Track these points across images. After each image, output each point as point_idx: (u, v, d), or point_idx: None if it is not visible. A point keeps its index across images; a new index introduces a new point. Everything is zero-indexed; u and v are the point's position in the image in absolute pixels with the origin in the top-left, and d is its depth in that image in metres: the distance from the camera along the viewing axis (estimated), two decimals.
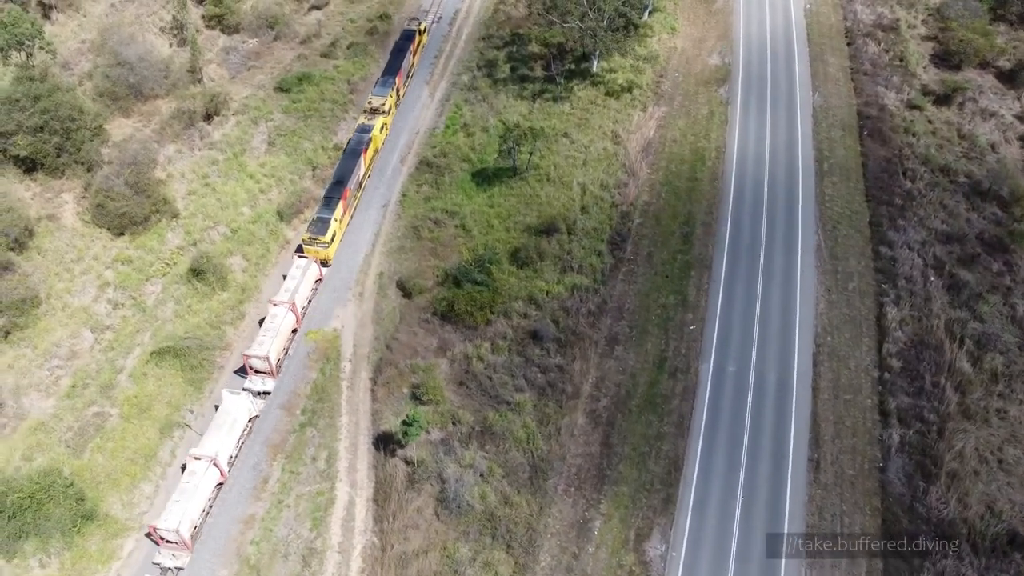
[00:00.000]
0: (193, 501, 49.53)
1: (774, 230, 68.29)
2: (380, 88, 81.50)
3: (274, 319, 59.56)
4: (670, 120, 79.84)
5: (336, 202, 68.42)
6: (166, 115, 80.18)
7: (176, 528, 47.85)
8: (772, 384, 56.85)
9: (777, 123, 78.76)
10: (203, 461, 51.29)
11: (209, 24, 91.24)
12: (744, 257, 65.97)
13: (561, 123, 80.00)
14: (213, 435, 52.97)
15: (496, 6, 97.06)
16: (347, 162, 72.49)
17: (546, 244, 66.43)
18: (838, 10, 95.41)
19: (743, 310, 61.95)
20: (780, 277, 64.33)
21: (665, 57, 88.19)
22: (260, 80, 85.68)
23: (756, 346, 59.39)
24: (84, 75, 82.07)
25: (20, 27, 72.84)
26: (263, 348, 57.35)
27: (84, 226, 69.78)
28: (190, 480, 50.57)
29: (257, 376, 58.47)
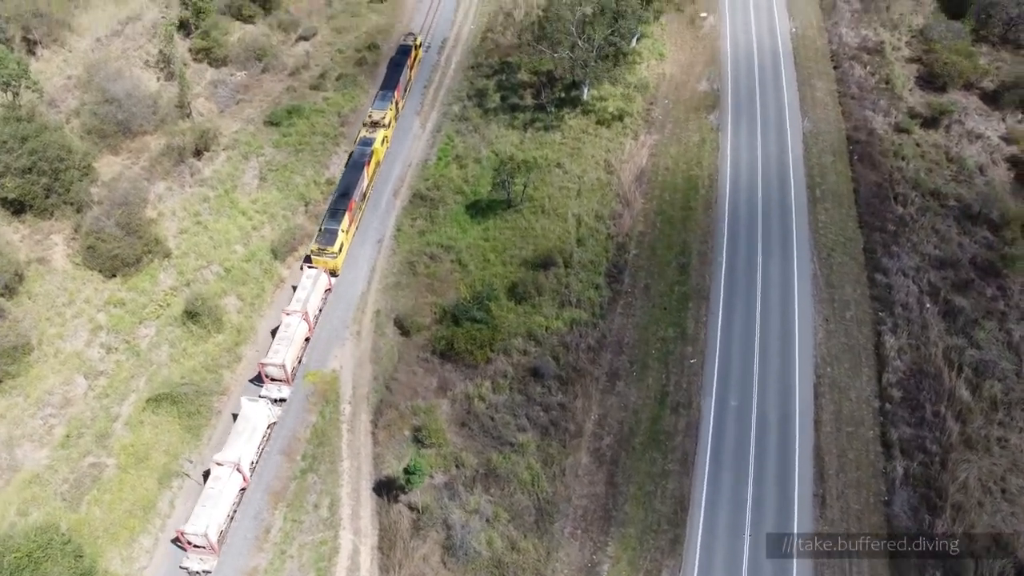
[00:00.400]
0: (219, 506, 51.35)
1: (770, 259, 68.46)
2: (380, 102, 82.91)
3: (288, 328, 61.63)
4: (662, 148, 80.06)
5: (342, 213, 69.89)
6: (155, 152, 79.49)
7: (204, 532, 49.57)
8: (775, 418, 56.84)
9: (768, 150, 79.17)
10: (226, 467, 53.07)
11: (196, 57, 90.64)
12: (741, 287, 66.08)
13: (553, 153, 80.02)
14: (234, 442, 54.70)
15: (484, 34, 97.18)
16: (351, 174, 74.30)
17: (543, 278, 66.24)
18: (823, 33, 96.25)
19: (742, 342, 61.98)
20: (778, 307, 64.45)
21: (654, 83, 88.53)
22: (249, 114, 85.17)
23: (757, 379, 59.40)
24: (71, 112, 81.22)
25: (6, 67, 71.95)
26: (279, 356, 59.31)
27: (75, 268, 68.86)
28: (215, 485, 52.32)
29: (273, 384, 60.17)
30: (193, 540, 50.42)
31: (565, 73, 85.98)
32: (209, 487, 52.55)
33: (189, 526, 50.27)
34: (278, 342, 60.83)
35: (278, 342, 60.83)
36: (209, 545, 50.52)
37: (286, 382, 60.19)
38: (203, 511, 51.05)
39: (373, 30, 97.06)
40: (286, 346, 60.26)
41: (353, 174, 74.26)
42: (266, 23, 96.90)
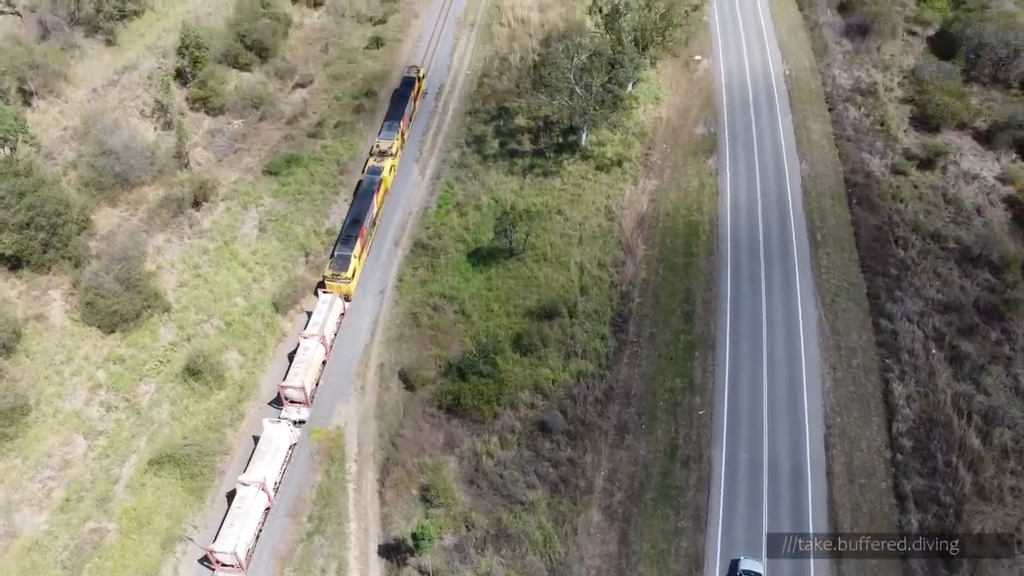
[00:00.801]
0: (247, 525, 52.62)
1: (774, 305, 68.38)
2: (387, 132, 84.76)
3: (306, 351, 63.03)
4: (662, 193, 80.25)
5: (354, 240, 71.91)
6: (154, 203, 79.06)
7: (233, 550, 50.80)
8: (786, 470, 56.33)
9: (767, 194, 79.49)
10: (252, 487, 54.35)
11: (194, 106, 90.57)
12: (747, 335, 65.86)
13: (554, 199, 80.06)
14: (258, 463, 55.95)
15: (480, 79, 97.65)
16: (362, 202, 76.22)
17: (548, 329, 65.83)
18: (816, 75, 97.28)
19: (751, 392, 61.62)
20: (784, 355, 64.23)
21: (651, 127, 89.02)
22: (248, 163, 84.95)
23: (767, 429, 58.98)
24: (68, 164, 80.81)
25: (3, 123, 71.54)
26: (298, 379, 60.66)
27: (73, 324, 68.01)
28: (242, 505, 53.52)
29: (292, 406, 61.63)
30: (222, 559, 51.47)
31: (563, 119, 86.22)
32: (236, 506, 53.59)
33: (218, 545, 51.28)
34: (297, 365, 62.09)
35: (297, 365, 62.09)
36: (238, 563, 51.70)
37: (305, 404, 61.78)
38: (231, 530, 52.03)
39: (370, 76, 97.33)
40: (305, 369, 61.62)
41: (363, 202, 76.12)
42: (263, 71, 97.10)
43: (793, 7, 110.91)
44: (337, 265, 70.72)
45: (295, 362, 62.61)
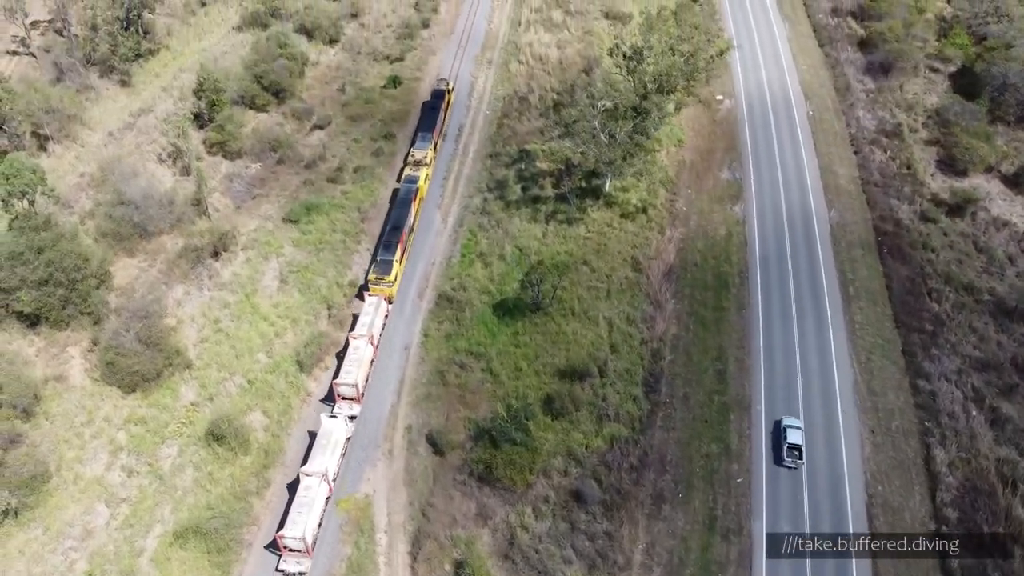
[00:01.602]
0: (312, 512, 55.73)
1: (808, 364, 67.01)
2: (421, 143, 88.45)
3: (356, 351, 65.99)
4: (689, 242, 78.98)
5: (396, 245, 75.26)
6: (172, 253, 77.83)
7: (302, 536, 53.70)
8: (829, 544, 54.70)
9: (796, 244, 78.22)
10: (315, 477, 57.49)
11: (211, 150, 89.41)
12: (781, 396, 64.47)
13: (578, 248, 78.82)
14: (319, 455, 59.06)
15: (500, 120, 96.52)
16: (400, 210, 79.56)
17: (579, 390, 64.46)
18: (840, 116, 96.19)
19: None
20: (821, 418, 62.82)
21: (675, 171, 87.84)
22: (267, 210, 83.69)
23: (807, 499, 57.52)
24: (85, 214, 79.70)
25: (22, 177, 70.34)
26: (351, 376, 63.84)
27: (93, 384, 66.73)
28: (306, 494, 56.63)
29: (344, 403, 64.40)
30: (291, 544, 54.27)
31: (587, 165, 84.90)
32: (301, 495, 56.60)
33: (288, 531, 54.06)
34: (348, 363, 65.04)
35: (348, 363, 65.04)
36: (305, 548, 54.46)
37: (356, 400, 64.66)
38: (299, 516, 55.04)
39: (388, 118, 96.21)
40: (357, 367, 64.65)
41: (402, 209, 79.37)
42: (280, 112, 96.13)
43: (813, 43, 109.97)
44: (380, 269, 73.67)
45: (347, 361, 65.43)
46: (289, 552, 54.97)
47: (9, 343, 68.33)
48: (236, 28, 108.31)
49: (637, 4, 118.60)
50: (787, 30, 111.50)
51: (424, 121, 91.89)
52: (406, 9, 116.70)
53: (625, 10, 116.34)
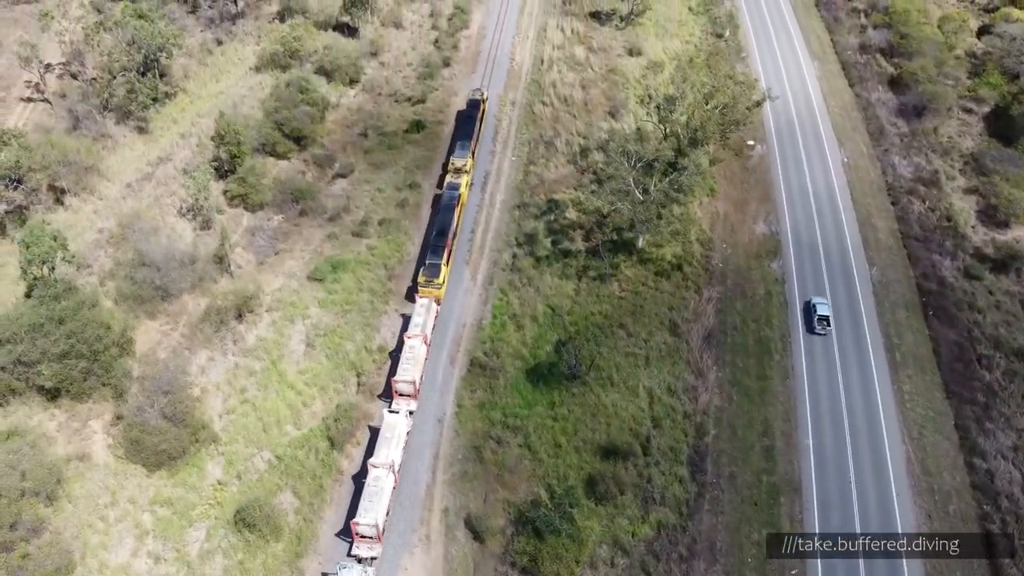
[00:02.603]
0: (382, 501, 58.81)
1: (858, 439, 64.76)
2: (460, 151, 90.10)
3: (412, 349, 69.03)
4: (727, 303, 76.64)
5: (442, 249, 78.16)
6: (195, 316, 75.57)
7: (375, 523, 56.78)
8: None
9: (839, 306, 75.89)
10: (382, 468, 60.34)
11: (232, 202, 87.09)
12: (833, 476, 62.18)
13: (613, 309, 76.55)
14: (384, 447, 61.81)
15: (526, 168, 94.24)
16: (445, 215, 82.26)
17: (623, 471, 62.16)
18: (875, 162, 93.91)
19: (844, 546, 57.64)
20: (875, 500, 60.52)
21: (709, 223, 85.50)
22: (291, 267, 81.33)
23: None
24: (105, 274, 77.46)
25: (42, 245, 68.06)
26: (408, 374, 66.70)
27: (117, 462, 64.52)
28: (375, 484, 59.46)
29: (402, 399, 66.96)
30: (364, 531, 57.05)
31: (619, 220, 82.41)
32: (370, 485, 59.36)
33: (361, 518, 56.93)
34: (405, 362, 67.65)
35: (405, 362, 67.65)
36: (377, 535, 57.27)
37: (413, 397, 67.38)
38: (370, 505, 57.97)
39: (411, 164, 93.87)
40: (413, 365, 67.52)
41: (446, 215, 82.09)
42: (301, 159, 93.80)
43: (843, 83, 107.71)
44: (430, 272, 76.39)
45: (403, 359, 68.02)
46: (361, 539, 57.60)
47: (30, 417, 66.12)
48: (254, 69, 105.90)
49: (660, 41, 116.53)
50: (816, 69, 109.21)
51: (462, 130, 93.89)
52: (426, 46, 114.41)
53: (647, 46, 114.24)
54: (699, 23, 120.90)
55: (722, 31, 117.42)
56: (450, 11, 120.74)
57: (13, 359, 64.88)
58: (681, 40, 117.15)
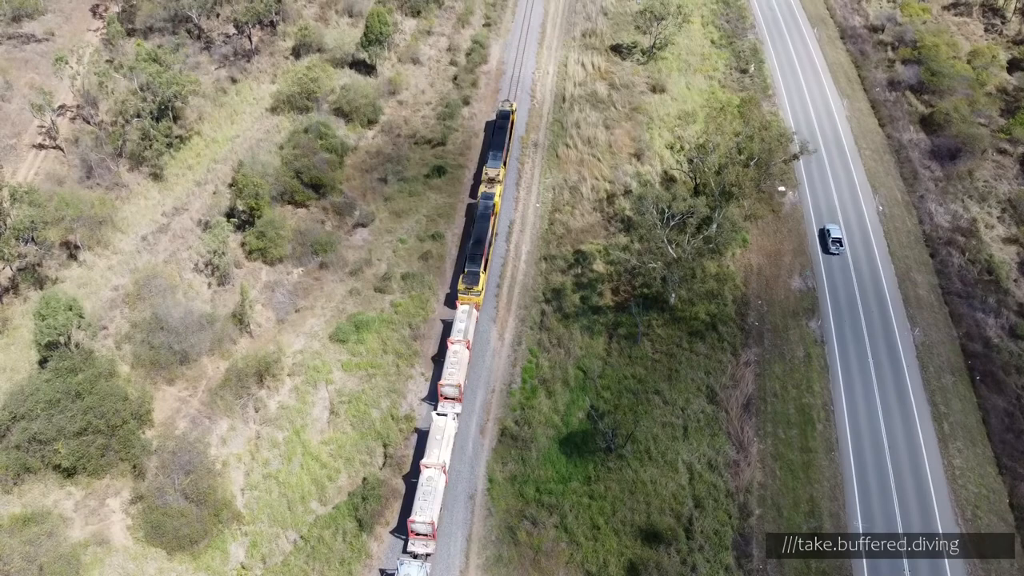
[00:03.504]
0: (436, 500, 61.25)
1: (910, 520, 62.04)
2: (493, 161, 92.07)
3: (455, 354, 71.45)
4: (766, 366, 73.93)
5: (480, 257, 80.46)
6: (215, 380, 73.19)
7: (431, 520, 59.40)
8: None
9: (882, 370, 73.17)
10: (434, 468, 62.94)
11: (250, 256, 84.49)
12: (885, 563, 59.23)
13: (647, 371, 73.96)
14: (435, 448, 64.28)
15: (551, 216, 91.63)
16: (481, 225, 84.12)
17: (665, 557, 59.40)
18: (911, 210, 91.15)
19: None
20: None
21: (743, 278, 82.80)
22: (312, 325, 78.78)
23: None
24: (121, 337, 74.92)
25: (57, 317, 65.51)
26: (453, 378, 69.30)
27: (136, 544, 62.06)
28: (429, 484, 61.95)
29: (448, 402, 68.86)
30: (419, 529, 59.45)
31: (651, 277, 79.69)
32: (424, 485, 61.90)
33: (417, 516, 59.49)
34: (450, 366, 70.12)
35: (450, 366, 70.12)
36: (432, 532, 59.55)
37: (458, 400, 69.33)
38: (426, 504, 60.48)
39: (433, 212, 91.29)
40: (458, 369, 70.00)
41: (482, 224, 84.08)
42: (320, 207, 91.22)
43: (874, 122, 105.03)
44: (469, 280, 78.62)
45: (448, 364, 70.43)
46: (416, 536, 59.69)
47: (46, 495, 63.79)
48: (269, 110, 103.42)
49: (684, 76, 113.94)
50: (846, 108, 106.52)
51: (494, 140, 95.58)
52: (444, 83, 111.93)
53: (670, 83, 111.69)
54: (722, 57, 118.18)
55: (746, 66, 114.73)
56: (468, 45, 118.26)
57: (28, 437, 62.56)
58: (704, 75, 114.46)
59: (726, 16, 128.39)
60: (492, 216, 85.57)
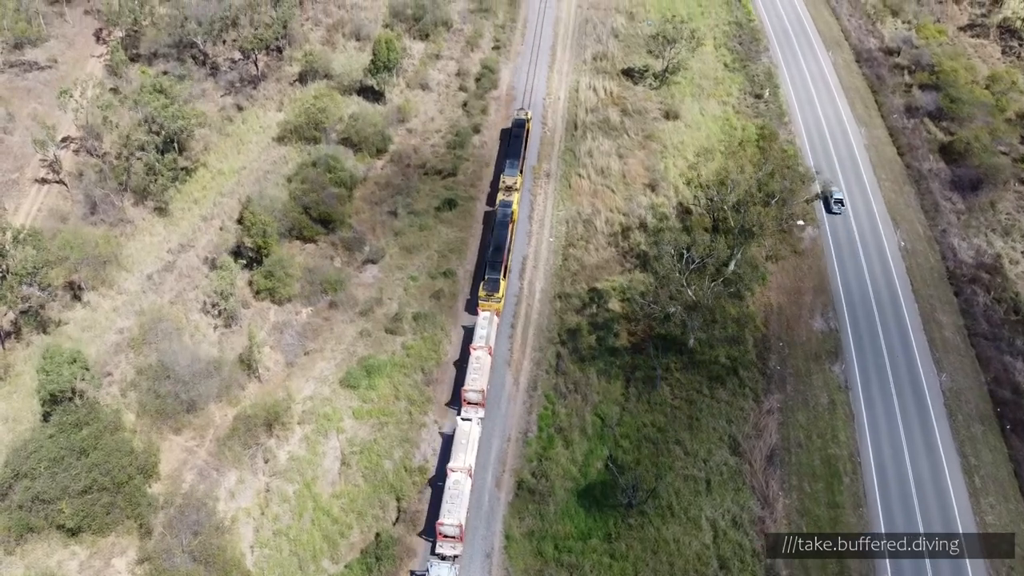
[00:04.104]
0: (463, 503, 62.72)
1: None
2: (510, 169, 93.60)
3: (478, 360, 72.63)
4: (789, 414, 71.92)
5: (500, 264, 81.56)
6: (223, 428, 71.31)
7: (459, 523, 60.80)
8: None
9: (909, 419, 71.22)
10: (460, 472, 64.40)
11: (258, 296, 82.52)
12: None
13: (666, 419, 71.98)
14: (460, 453, 65.83)
15: (565, 251, 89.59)
16: (500, 232, 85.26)
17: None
18: (933, 245, 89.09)
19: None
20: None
21: (763, 318, 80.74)
22: (322, 369, 76.83)
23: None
24: (127, 385, 72.97)
25: (62, 374, 63.54)
26: (477, 383, 70.67)
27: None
28: (455, 487, 63.36)
29: (471, 407, 70.60)
30: (448, 531, 60.65)
31: (670, 321, 77.66)
32: (451, 488, 63.28)
33: (445, 519, 60.84)
34: (473, 372, 71.31)
35: (473, 372, 71.31)
36: (460, 535, 60.86)
37: (481, 405, 70.82)
38: (453, 507, 61.79)
39: (445, 248, 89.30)
40: (481, 375, 71.25)
41: (501, 231, 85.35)
42: (329, 242, 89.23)
43: (892, 151, 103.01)
44: (490, 287, 79.73)
45: (471, 370, 71.49)
46: (444, 538, 60.72)
47: (49, 556, 61.90)
48: (276, 139, 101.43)
49: (697, 102, 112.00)
50: (864, 136, 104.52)
51: (510, 149, 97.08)
52: (454, 109, 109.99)
53: (684, 109, 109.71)
54: (736, 81, 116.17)
55: (761, 91, 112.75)
56: (477, 70, 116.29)
57: (32, 496, 60.76)
58: (718, 100, 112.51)
59: (739, 37, 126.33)
60: (510, 223, 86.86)
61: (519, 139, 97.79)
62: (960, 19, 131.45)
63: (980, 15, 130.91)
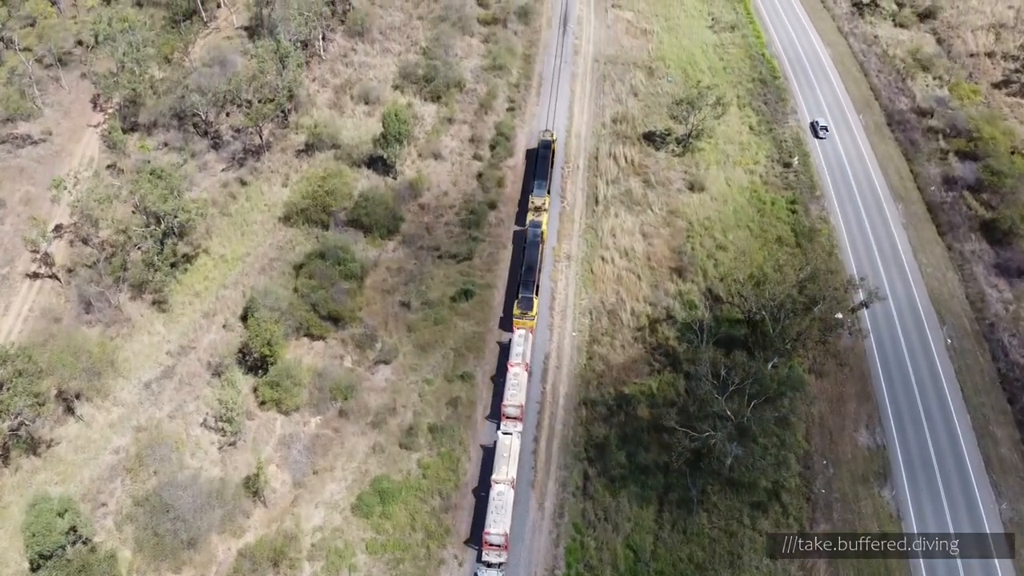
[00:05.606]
0: (507, 513, 65.86)
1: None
2: (538, 189, 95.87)
3: (516, 376, 75.30)
4: (839, 552, 66.26)
5: (532, 284, 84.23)
6: (226, 567, 66.16)
7: (504, 532, 64.21)
8: None
9: (968, 554, 65.53)
10: (504, 484, 67.58)
11: (263, 406, 77.25)
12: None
13: (704, 554, 66.85)
14: (502, 465, 68.87)
15: (589, 348, 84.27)
16: (531, 252, 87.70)
17: None
18: (982, 343, 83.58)
19: None
20: None
21: (804, 431, 75.30)
22: (332, 492, 71.70)
23: None
24: (123, 518, 67.83)
25: (50, 535, 58.53)
26: (515, 399, 73.57)
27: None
28: (499, 499, 66.54)
29: (509, 422, 72.92)
30: (494, 540, 63.97)
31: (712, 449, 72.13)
32: (495, 499, 66.47)
33: (492, 529, 64.21)
34: (511, 388, 74.26)
35: (511, 388, 74.26)
36: (505, 544, 64.22)
37: (519, 419, 73.24)
38: (498, 517, 65.26)
39: (461, 345, 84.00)
40: (519, 391, 74.08)
41: (532, 251, 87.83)
42: (338, 339, 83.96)
43: (932, 231, 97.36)
44: (524, 305, 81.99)
45: (508, 386, 74.52)
46: (490, 547, 63.88)
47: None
48: (282, 219, 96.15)
49: (722, 170, 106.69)
50: (900, 214, 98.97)
51: (537, 169, 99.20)
52: (468, 180, 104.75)
53: (709, 178, 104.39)
54: (762, 146, 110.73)
55: (790, 159, 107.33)
56: (492, 136, 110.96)
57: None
58: (744, 168, 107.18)
59: (763, 96, 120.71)
60: (540, 243, 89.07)
61: (545, 160, 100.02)
62: (993, 74, 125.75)
63: (1014, 70, 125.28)
